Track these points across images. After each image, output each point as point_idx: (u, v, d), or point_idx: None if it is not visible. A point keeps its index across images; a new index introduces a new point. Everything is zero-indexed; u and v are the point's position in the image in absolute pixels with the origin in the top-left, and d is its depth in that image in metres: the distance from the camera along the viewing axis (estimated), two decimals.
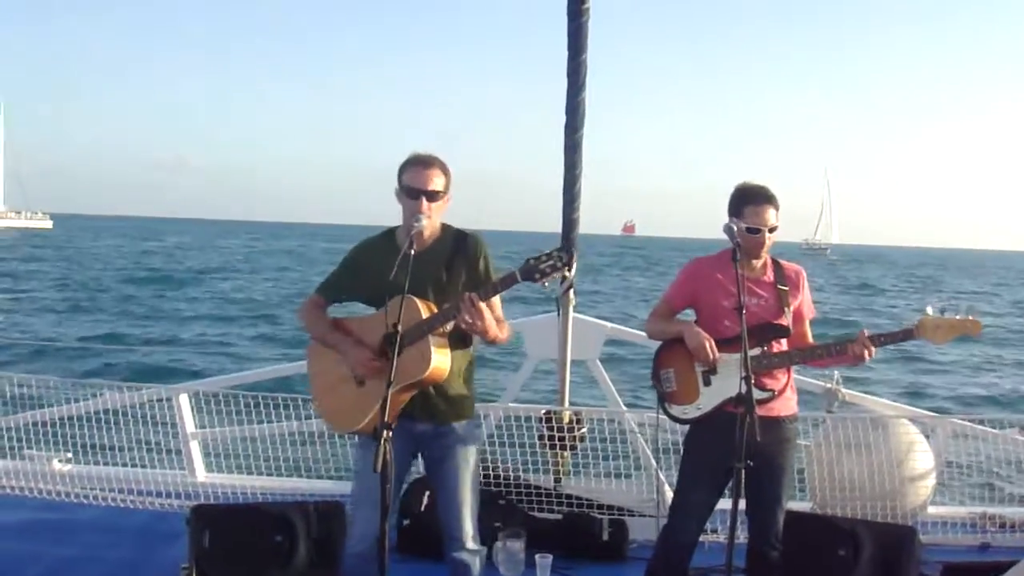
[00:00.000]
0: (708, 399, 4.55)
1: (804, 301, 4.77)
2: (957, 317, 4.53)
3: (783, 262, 4.77)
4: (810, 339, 4.77)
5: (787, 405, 4.67)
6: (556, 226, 6.30)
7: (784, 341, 4.63)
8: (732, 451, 4.05)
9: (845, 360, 4.63)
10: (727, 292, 4.58)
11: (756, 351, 4.45)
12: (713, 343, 4.49)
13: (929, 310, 4.54)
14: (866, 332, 4.55)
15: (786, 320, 4.62)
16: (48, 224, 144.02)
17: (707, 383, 4.55)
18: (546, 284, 4.15)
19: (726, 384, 4.49)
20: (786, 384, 4.64)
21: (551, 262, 4.04)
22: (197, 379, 11.48)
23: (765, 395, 4.43)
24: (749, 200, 4.58)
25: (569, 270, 4.19)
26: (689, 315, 4.80)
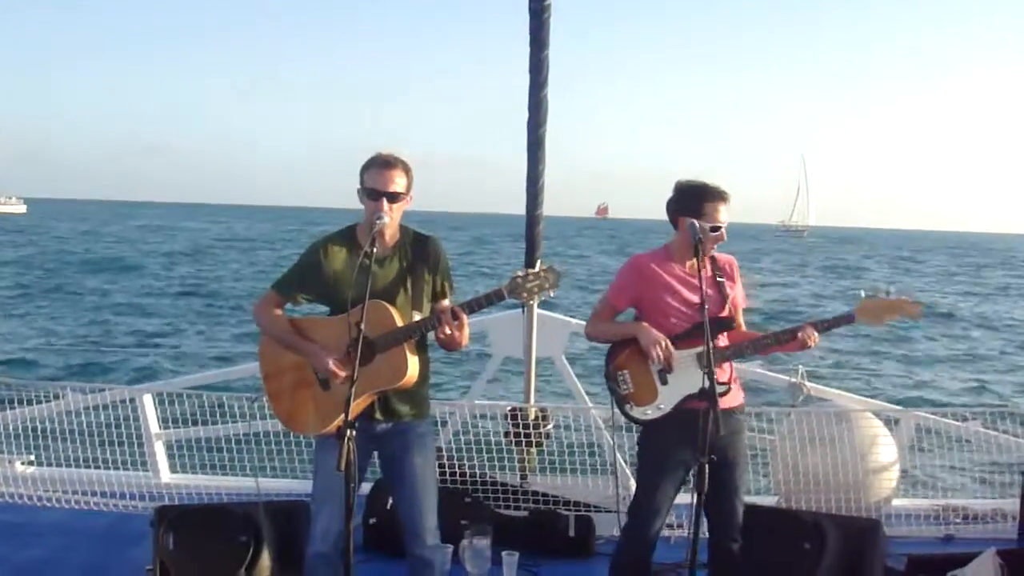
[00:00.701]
0: (667, 398, 4.53)
1: (738, 291, 4.78)
2: (893, 299, 4.57)
3: (716, 254, 4.76)
4: (744, 328, 4.78)
5: (735, 397, 4.70)
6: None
7: (726, 334, 4.64)
8: (691, 447, 4.05)
9: (792, 347, 4.63)
10: (671, 289, 4.60)
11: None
12: (669, 344, 4.49)
13: (863, 293, 4.59)
14: (809, 322, 4.58)
15: (728, 312, 4.64)
16: (22, 209, 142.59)
17: (664, 382, 4.54)
18: (532, 301, 4.16)
19: (683, 381, 4.49)
20: (731, 376, 4.66)
21: (538, 281, 4.06)
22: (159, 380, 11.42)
23: (722, 388, 4.43)
24: (708, 198, 4.58)
25: (555, 289, 4.17)
26: (631, 315, 4.79)
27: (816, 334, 4.53)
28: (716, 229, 4.55)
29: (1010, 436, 6.56)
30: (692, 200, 4.60)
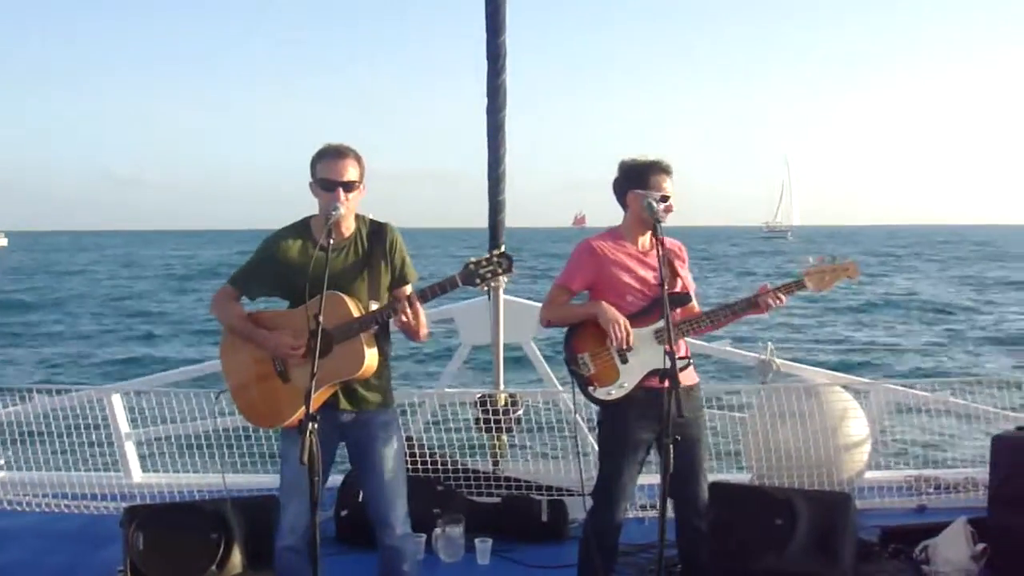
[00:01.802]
0: (628, 376, 4.53)
1: (687, 271, 4.80)
2: (837, 263, 4.63)
3: (664, 238, 4.77)
4: (698, 310, 4.78)
5: (691, 375, 4.70)
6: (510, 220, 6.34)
7: (680, 311, 4.64)
8: (652, 425, 4.06)
9: (756, 312, 4.65)
10: (625, 267, 4.60)
11: (661, 322, 4.47)
12: (627, 323, 4.49)
13: (811, 259, 4.66)
14: (768, 285, 4.63)
15: (681, 287, 4.65)
16: (2, 242, 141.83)
17: (624, 360, 4.53)
18: (486, 288, 4.15)
19: (644, 359, 4.49)
20: (686, 352, 4.67)
21: (491, 267, 4.05)
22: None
23: (681, 364, 4.42)
24: (654, 171, 4.60)
25: (509, 274, 4.17)
26: (584, 297, 4.78)
27: (783, 296, 4.57)
28: (665, 199, 4.56)
29: (979, 405, 6.60)
30: (637, 175, 4.62)
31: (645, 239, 4.61)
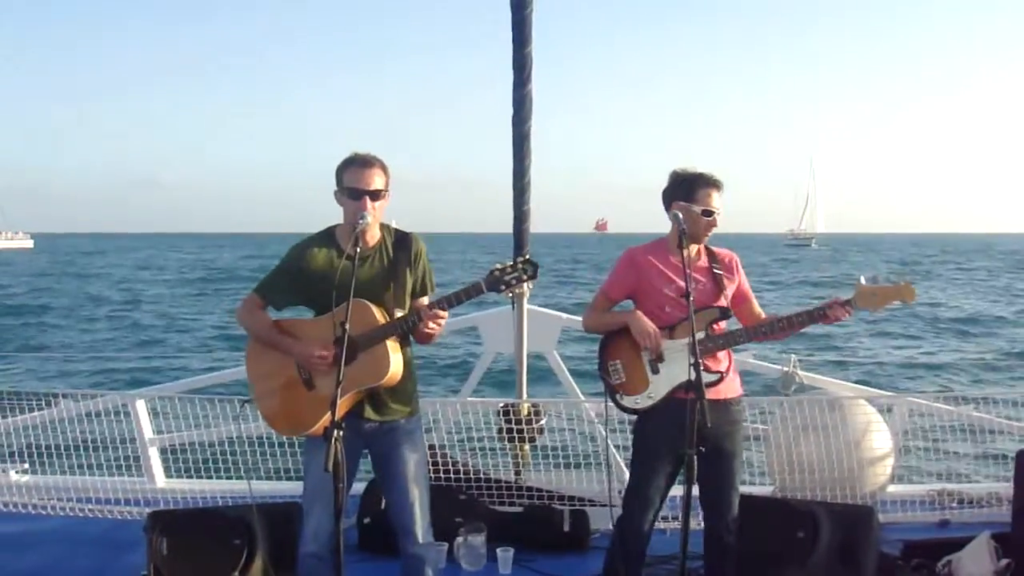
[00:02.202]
0: (658, 387, 4.54)
1: (743, 283, 4.78)
2: (890, 284, 4.56)
3: (714, 248, 4.77)
4: (763, 316, 4.78)
5: (732, 387, 4.69)
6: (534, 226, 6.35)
7: (723, 324, 4.64)
8: (683, 437, 4.05)
9: (808, 325, 4.63)
10: (665, 279, 4.60)
11: (701, 334, 4.46)
12: (658, 333, 4.49)
13: (863, 279, 4.57)
14: (840, 298, 4.57)
15: (724, 302, 4.63)
16: (29, 244, 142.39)
17: (655, 371, 4.54)
18: (510, 295, 4.16)
19: (674, 371, 4.49)
20: (729, 367, 4.65)
21: (516, 273, 4.07)
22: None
23: (713, 378, 4.44)
24: (701, 184, 4.60)
25: (533, 280, 4.19)
26: (627, 306, 4.79)
27: (844, 309, 4.52)
28: (708, 213, 4.56)
29: (1003, 419, 6.57)
30: (684, 187, 4.63)
31: (690, 250, 4.60)
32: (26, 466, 6.98)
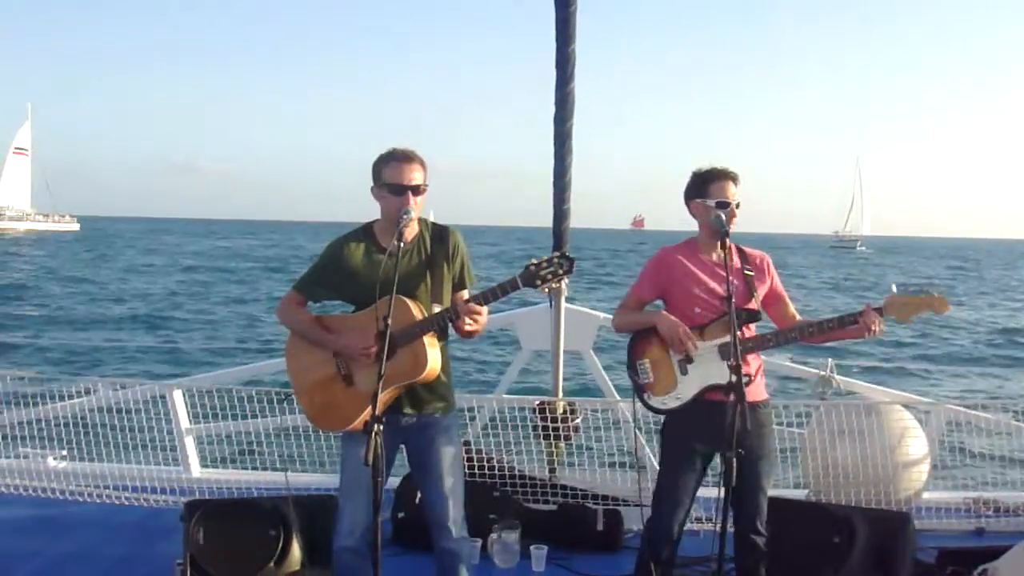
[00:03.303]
0: (687, 388, 4.53)
1: (775, 284, 4.77)
2: (922, 295, 4.52)
3: (747, 249, 4.75)
4: (797, 318, 4.76)
5: (760, 391, 4.68)
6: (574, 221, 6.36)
7: (753, 326, 4.63)
8: (712, 438, 4.05)
9: (844, 336, 4.60)
10: (696, 279, 4.59)
11: (729, 336, 4.46)
12: (690, 332, 4.49)
13: (894, 288, 4.54)
14: (870, 304, 4.53)
15: (755, 304, 4.62)
16: (75, 227, 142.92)
17: (684, 372, 4.53)
18: (547, 290, 4.16)
19: (703, 371, 4.49)
20: (758, 369, 4.65)
21: (551, 268, 4.06)
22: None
23: (743, 380, 4.41)
24: (713, 178, 4.60)
25: (569, 275, 4.18)
26: (658, 306, 4.78)
27: (880, 319, 4.47)
28: (723, 205, 4.55)
29: None
30: (698, 184, 4.65)
31: (720, 251, 4.59)
32: (64, 453, 7.04)
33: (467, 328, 4.17)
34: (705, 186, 4.61)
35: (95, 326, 30.53)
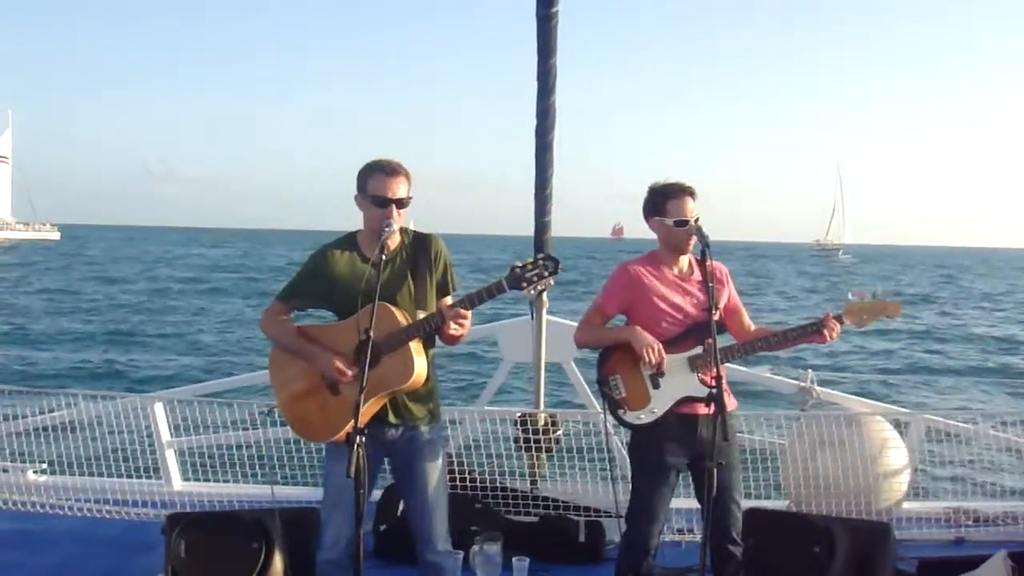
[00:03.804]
0: (660, 402, 4.55)
1: (733, 295, 4.82)
2: (877, 301, 4.63)
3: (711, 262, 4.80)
4: (752, 328, 4.82)
5: (728, 402, 4.67)
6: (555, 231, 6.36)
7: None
8: (684, 450, 4.07)
9: (812, 340, 4.66)
10: (661, 293, 4.62)
11: (698, 349, 4.50)
12: (661, 347, 4.50)
13: (851, 296, 4.65)
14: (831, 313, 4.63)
15: (719, 316, 4.65)
16: (56, 236, 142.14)
17: (656, 386, 4.55)
18: (532, 292, 4.18)
19: (675, 385, 4.53)
20: (723, 379, 4.68)
21: (537, 270, 4.08)
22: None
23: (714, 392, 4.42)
24: (671, 195, 4.63)
25: (554, 277, 4.19)
26: (621, 321, 4.80)
27: (839, 325, 4.59)
28: (681, 223, 4.58)
29: (1020, 439, 6.56)
30: (656, 200, 4.67)
31: (682, 263, 4.63)
32: (44, 466, 7.01)
33: (452, 332, 4.18)
34: (663, 202, 4.64)
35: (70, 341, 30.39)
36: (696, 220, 4.61)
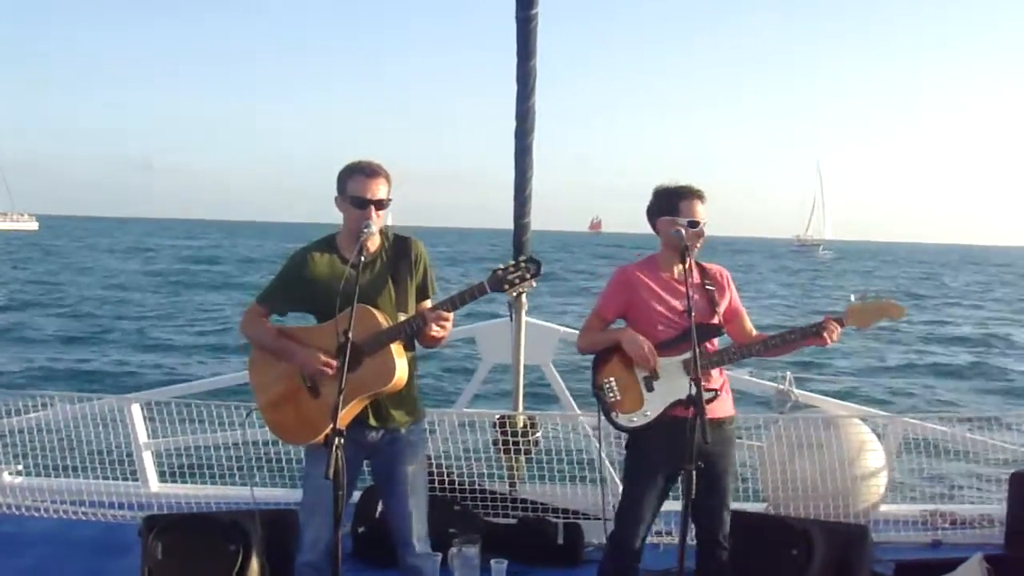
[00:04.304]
0: (653, 405, 4.55)
1: (734, 299, 4.81)
2: (880, 301, 4.61)
3: (705, 264, 4.79)
4: (754, 333, 4.80)
5: (725, 407, 4.69)
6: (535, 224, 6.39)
7: (716, 341, 4.66)
8: (677, 454, 4.05)
9: (811, 344, 4.64)
10: (658, 296, 4.62)
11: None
12: (653, 348, 4.51)
13: (852, 297, 4.62)
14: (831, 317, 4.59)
15: (717, 319, 4.65)
16: (34, 226, 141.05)
17: (650, 388, 4.55)
18: (514, 294, 4.17)
19: (669, 388, 4.52)
20: (722, 385, 4.68)
21: (519, 272, 4.07)
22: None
23: (707, 395, 4.38)
24: (684, 196, 4.62)
25: (536, 279, 4.18)
26: (621, 325, 4.80)
27: (839, 328, 4.55)
28: (695, 224, 4.58)
29: (997, 441, 6.59)
30: (667, 201, 4.65)
31: (681, 267, 4.61)
32: (20, 467, 6.97)
33: (433, 334, 4.17)
34: (676, 203, 4.61)
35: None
36: (704, 223, 4.63)
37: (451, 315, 4.17)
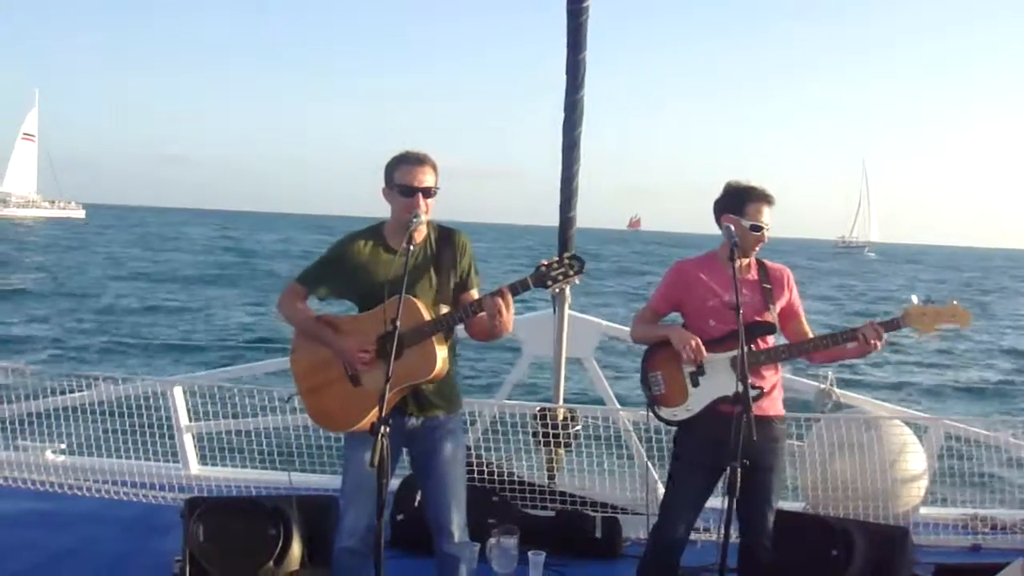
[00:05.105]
0: (697, 400, 4.54)
1: (793, 299, 4.76)
2: (948, 306, 4.50)
3: (767, 262, 4.76)
4: (810, 335, 4.75)
5: (775, 405, 4.67)
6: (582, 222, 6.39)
7: (770, 339, 4.63)
8: (722, 450, 4.03)
9: (849, 353, 4.61)
10: (712, 292, 4.60)
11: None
12: (700, 343, 4.49)
13: (914, 299, 4.51)
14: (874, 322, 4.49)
15: (771, 317, 4.62)
16: (81, 214, 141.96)
17: (695, 384, 4.54)
18: (557, 290, 4.15)
19: (715, 384, 4.50)
20: (775, 384, 4.65)
21: (562, 269, 4.05)
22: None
23: (754, 393, 4.33)
24: (752, 199, 4.58)
25: (580, 276, 4.16)
26: (675, 319, 4.79)
27: (884, 333, 4.44)
28: (757, 228, 4.55)
29: None
30: (735, 199, 4.61)
31: (742, 262, 4.58)
32: (63, 446, 7.04)
33: (496, 324, 4.10)
34: (742, 204, 4.59)
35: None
36: (768, 228, 4.60)
37: (511, 300, 4.09)
